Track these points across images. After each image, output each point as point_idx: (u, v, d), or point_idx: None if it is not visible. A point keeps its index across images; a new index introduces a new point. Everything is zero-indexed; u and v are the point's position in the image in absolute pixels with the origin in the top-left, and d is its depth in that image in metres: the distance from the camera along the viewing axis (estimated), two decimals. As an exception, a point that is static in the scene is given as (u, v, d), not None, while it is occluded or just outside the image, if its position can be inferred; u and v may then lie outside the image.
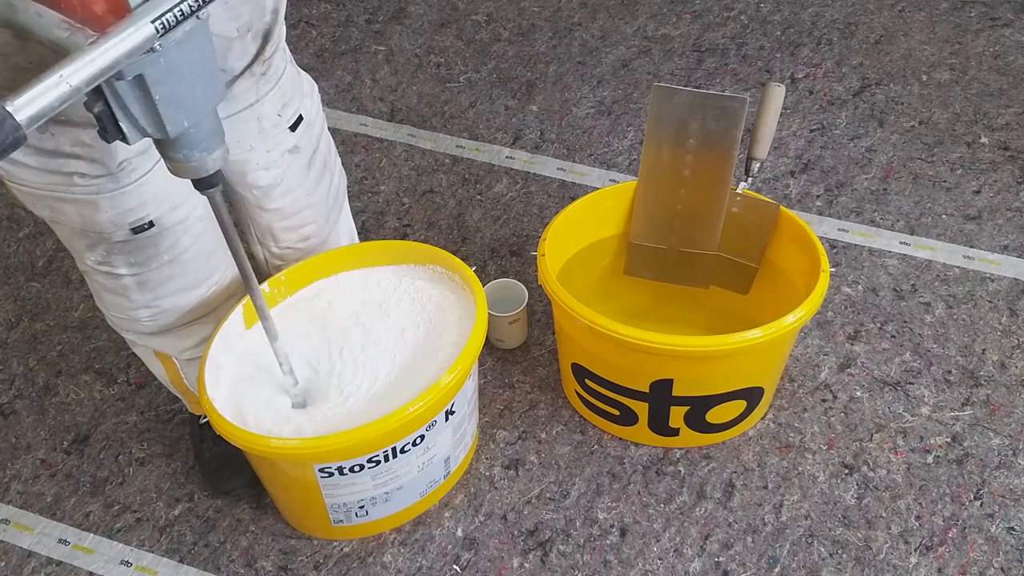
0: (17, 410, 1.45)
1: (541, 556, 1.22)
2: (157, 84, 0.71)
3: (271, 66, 1.04)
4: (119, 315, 1.12)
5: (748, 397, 1.26)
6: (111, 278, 1.05)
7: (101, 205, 0.94)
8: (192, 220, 1.04)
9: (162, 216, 1.00)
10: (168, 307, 1.11)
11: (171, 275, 1.07)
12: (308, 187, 1.17)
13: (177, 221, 1.02)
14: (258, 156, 1.09)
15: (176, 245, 1.04)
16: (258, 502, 1.30)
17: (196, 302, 1.13)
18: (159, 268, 1.05)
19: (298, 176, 1.15)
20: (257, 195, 1.13)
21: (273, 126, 1.08)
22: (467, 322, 1.17)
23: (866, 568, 1.19)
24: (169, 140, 0.78)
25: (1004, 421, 1.34)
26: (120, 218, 0.97)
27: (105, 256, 1.02)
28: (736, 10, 2.17)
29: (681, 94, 1.29)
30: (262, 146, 1.08)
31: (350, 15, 2.23)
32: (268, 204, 1.15)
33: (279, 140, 1.10)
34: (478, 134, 1.89)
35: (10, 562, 1.25)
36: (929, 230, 1.63)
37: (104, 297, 1.10)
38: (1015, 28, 2.07)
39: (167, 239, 1.02)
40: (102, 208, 0.95)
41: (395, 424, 1.05)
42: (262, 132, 1.07)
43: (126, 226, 0.98)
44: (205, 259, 1.09)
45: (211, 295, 1.14)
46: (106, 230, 0.97)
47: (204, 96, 0.77)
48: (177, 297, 1.10)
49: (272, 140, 1.09)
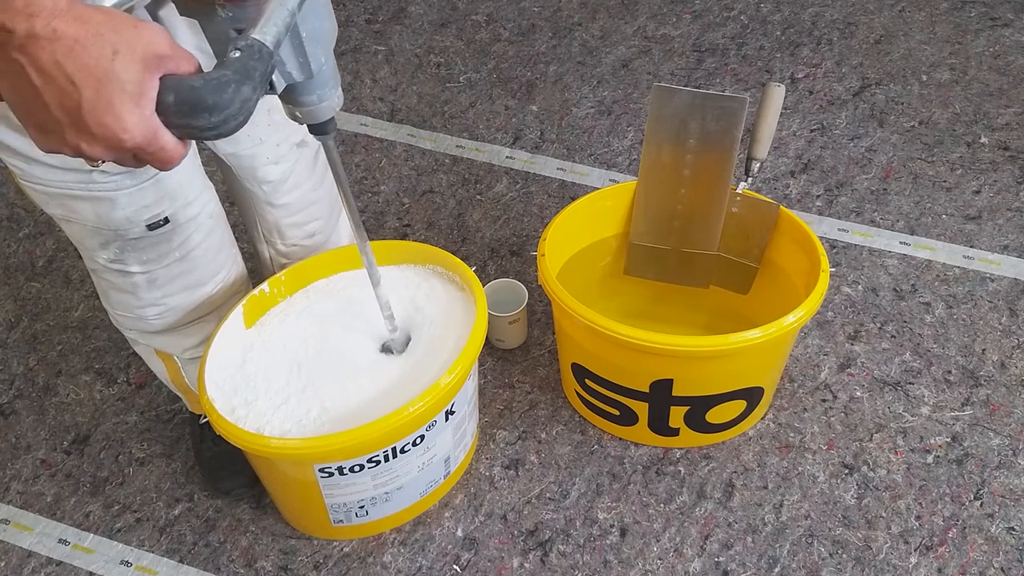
0: (17, 410, 1.45)
1: (541, 556, 1.22)
2: (304, 20, 0.71)
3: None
4: (126, 314, 1.12)
5: (748, 397, 1.26)
6: (122, 276, 1.06)
7: (119, 202, 0.95)
8: (204, 217, 1.05)
9: (176, 212, 1.00)
10: (175, 305, 1.11)
11: (180, 272, 1.07)
12: (315, 181, 1.20)
13: (190, 217, 1.03)
14: (268, 150, 1.11)
15: (187, 242, 1.05)
16: (258, 502, 1.30)
17: (202, 300, 1.13)
18: (170, 265, 1.05)
19: (305, 170, 1.17)
20: (267, 190, 1.15)
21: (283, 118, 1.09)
22: (467, 322, 1.17)
23: (866, 568, 1.19)
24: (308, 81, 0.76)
25: (1004, 421, 1.34)
26: (137, 215, 0.97)
27: (118, 254, 1.02)
28: (736, 10, 2.17)
29: (681, 94, 1.29)
30: (272, 139, 1.10)
31: (350, 15, 2.23)
32: (277, 200, 1.17)
33: (288, 133, 1.12)
34: (478, 134, 1.89)
35: (10, 562, 1.25)
36: (929, 230, 1.63)
37: (112, 296, 1.11)
38: (1015, 28, 2.08)
39: (179, 236, 1.03)
40: (119, 205, 0.95)
41: (395, 424, 1.05)
42: (272, 125, 1.09)
43: (142, 223, 0.98)
44: (213, 256, 1.10)
45: (216, 293, 1.15)
46: (122, 227, 0.98)
47: (332, 29, 0.76)
48: (184, 295, 1.11)
49: (282, 133, 1.11)
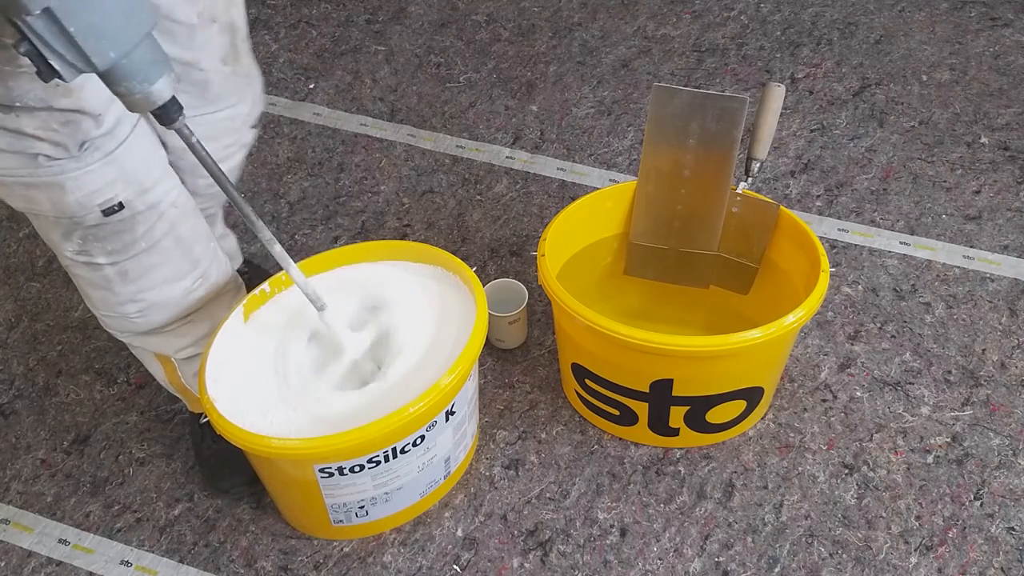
0: (17, 410, 1.45)
1: (541, 556, 1.22)
2: (68, 15, 0.71)
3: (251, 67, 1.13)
4: (109, 313, 1.13)
5: (748, 397, 1.26)
6: (92, 269, 1.06)
7: (67, 186, 0.96)
8: (165, 205, 1.05)
9: (132, 199, 1.01)
10: (155, 300, 1.11)
11: (151, 265, 1.08)
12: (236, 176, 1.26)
13: (149, 205, 1.03)
14: (218, 150, 1.14)
15: (152, 232, 1.05)
16: (258, 502, 1.30)
17: (182, 295, 1.13)
18: (137, 257, 1.06)
19: (237, 171, 1.26)
20: (201, 184, 1.19)
21: (243, 124, 1.18)
22: (467, 322, 1.16)
23: (866, 568, 1.19)
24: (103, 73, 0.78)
25: (1004, 421, 1.34)
26: (88, 199, 0.98)
27: (82, 244, 1.03)
28: (736, 10, 2.17)
29: (681, 94, 1.29)
30: (225, 140, 1.17)
31: (350, 15, 2.23)
32: (205, 190, 1.22)
33: (240, 136, 1.20)
34: (478, 134, 1.89)
35: (10, 562, 1.25)
36: (929, 230, 1.63)
37: (91, 294, 1.11)
38: (1015, 28, 2.08)
39: (141, 225, 1.04)
40: (68, 189, 0.96)
41: (395, 424, 1.05)
42: (232, 129, 1.16)
43: (95, 207, 0.99)
44: (186, 248, 1.11)
45: (202, 292, 1.15)
46: (76, 213, 0.99)
47: (128, 25, 0.76)
48: (162, 290, 1.11)
49: (235, 136, 1.19)
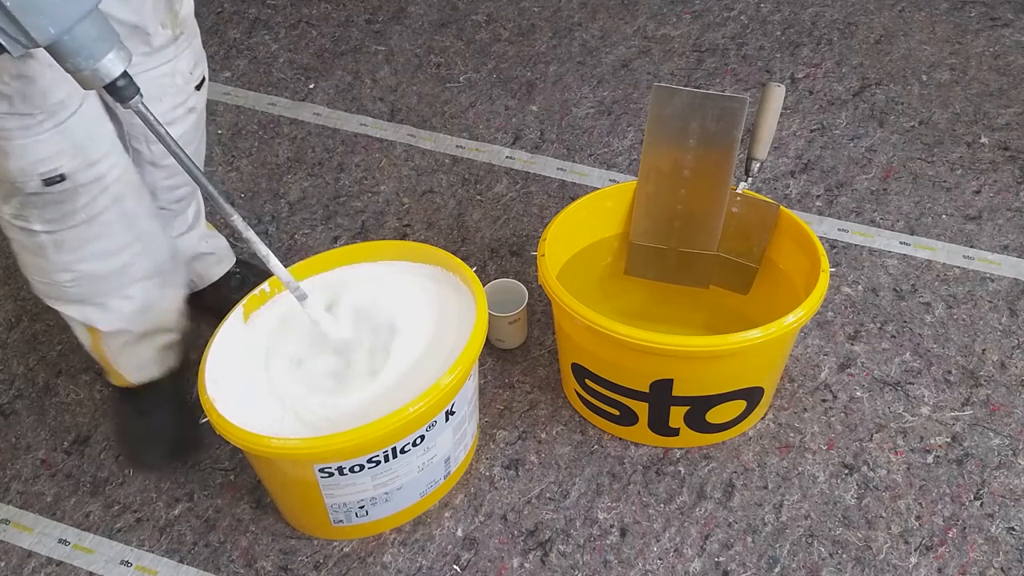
0: (17, 410, 1.45)
1: (541, 556, 1.22)
2: None
3: (188, 25, 1.15)
4: (40, 279, 1.13)
5: (748, 397, 1.26)
6: (27, 235, 1.06)
7: (12, 153, 0.96)
8: (110, 180, 1.05)
9: (76, 172, 1.01)
10: (89, 272, 1.11)
11: (89, 237, 1.07)
12: (194, 147, 1.26)
13: (93, 179, 1.03)
14: (164, 111, 1.15)
15: (93, 204, 1.05)
16: (258, 502, 1.30)
17: (118, 270, 1.13)
18: (75, 228, 1.05)
19: (191, 135, 1.25)
20: (155, 151, 1.20)
21: (185, 82, 1.18)
22: (467, 322, 1.16)
23: (866, 568, 1.19)
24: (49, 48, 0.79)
25: (1004, 421, 1.34)
26: (31, 168, 0.98)
27: (19, 209, 1.03)
28: (736, 10, 2.17)
29: (681, 94, 1.29)
30: (170, 101, 1.17)
31: (350, 15, 2.23)
32: (162, 160, 1.22)
33: (184, 98, 1.19)
34: (478, 134, 1.89)
35: (10, 562, 1.25)
36: (929, 230, 1.63)
37: (24, 259, 1.11)
38: (1015, 28, 2.08)
39: (83, 197, 1.03)
40: (12, 156, 0.97)
41: (395, 424, 1.05)
42: (175, 87, 1.17)
43: (36, 176, 0.99)
44: (127, 224, 1.10)
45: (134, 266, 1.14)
46: (17, 179, 0.99)
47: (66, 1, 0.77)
48: (98, 262, 1.11)
49: (179, 96, 1.18)
